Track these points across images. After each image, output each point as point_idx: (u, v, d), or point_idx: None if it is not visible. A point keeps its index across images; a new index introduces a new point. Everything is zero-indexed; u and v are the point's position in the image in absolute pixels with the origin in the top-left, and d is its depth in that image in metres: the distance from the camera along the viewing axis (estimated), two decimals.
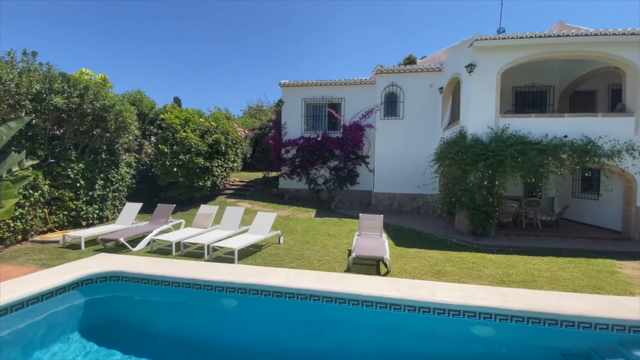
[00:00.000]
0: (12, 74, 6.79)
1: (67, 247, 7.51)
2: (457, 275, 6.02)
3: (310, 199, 14.77)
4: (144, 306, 5.43)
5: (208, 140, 12.46)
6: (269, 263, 6.59)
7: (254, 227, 7.95)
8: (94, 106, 8.63)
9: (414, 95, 12.81)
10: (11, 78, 6.70)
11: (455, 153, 9.23)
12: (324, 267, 6.29)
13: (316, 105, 15.12)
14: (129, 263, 5.74)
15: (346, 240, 8.42)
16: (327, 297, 4.65)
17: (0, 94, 6.73)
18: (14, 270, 5.75)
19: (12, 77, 6.73)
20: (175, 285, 5.22)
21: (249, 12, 45.04)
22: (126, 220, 8.69)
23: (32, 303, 4.50)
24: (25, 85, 7.02)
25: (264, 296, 4.87)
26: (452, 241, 8.71)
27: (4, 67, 6.74)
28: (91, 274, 5.23)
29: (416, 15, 47.35)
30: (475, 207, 8.77)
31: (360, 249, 6.12)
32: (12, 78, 6.71)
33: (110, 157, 10.12)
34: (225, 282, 5.01)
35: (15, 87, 6.80)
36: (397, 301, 4.46)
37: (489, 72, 9.40)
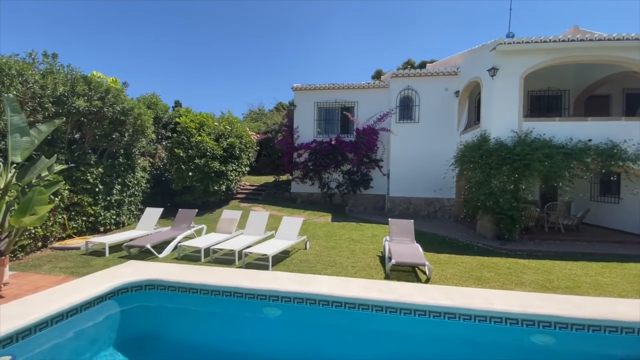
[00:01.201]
0: (37, 75, 6.60)
1: (89, 253, 7.29)
2: (498, 281, 5.91)
3: (323, 203, 14.63)
4: (181, 316, 5.24)
5: (223, 144, 12.29)
6: (302, 269, 6.44)
7: (281, 232, 7.79)
8: (114, 109, 8.45)
9: (430, 98, 12.77)
10: (36, 80, 6.51)
11: (479, 157, 9.16)
12: (360, 274, 6.14)
13: (328, 108, 15.04)
14: (162, 271, 5.55)
15: (372, 246, 8.29)
16: (377, 306, 4.49)
17: (24, 96, 6.54)
18: (42, 279, 5.54)
19: (37, 78, 6.54)
20: (215, 293, 5.03)
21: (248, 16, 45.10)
22: (148, 226, 8.48)
23: (72, 315, 4.30)
24: (50, 88, 6.83)
25: (309, 305, 4.70)
26: (478, 246, 8.61)
27: (28, 68, 6.56)
28: (127, 283, 5.03)
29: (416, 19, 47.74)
30: (501, 212, 8.68)
31: (399, 256, 5.98)
32: (37, 80, 6.53)
33: (127, 161, 9.92)
34: (268, 290, 4.83)
35: (40, 89, 6.61)
36: (452, 310, 4.30)
37: (511, 76, 9.37)
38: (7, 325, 3.58)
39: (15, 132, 5.09)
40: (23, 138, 5.15)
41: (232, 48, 52.82)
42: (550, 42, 9.00)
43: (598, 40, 8.88)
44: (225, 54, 53.30)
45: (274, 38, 51.49)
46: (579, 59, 9.40)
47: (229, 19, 46.39)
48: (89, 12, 39.58)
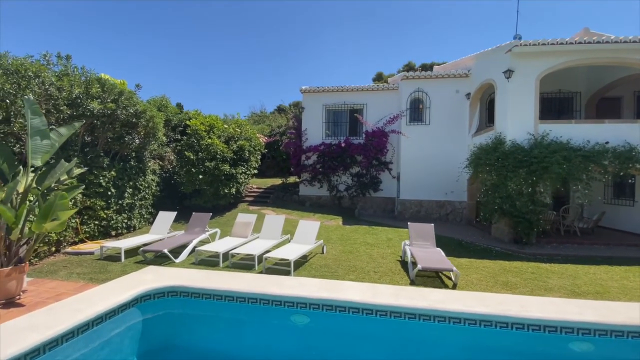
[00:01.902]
0: (54, 77, 6.48)
1: (104, 258, 7.15)
2: (526, 287, 5.80)
3: (332, 206, 14.52)
4: (205, 323, 5.10)
5: (233, 146, 12.18)
6: (324, 275, 6.31)
7: (298, 236, 7.67)
8: (127, 112, 8.33)
9: (440, 101, 12.70)
10: (53, 81, 6.40)
11: (495, 159, 9.07)
12: (384, 279, 6.03)
13: (337, 111, 14.96)
14: (184, 276, 5.41)
15: (389, 250, 8.18)
16: (410, 314, 4.37)
17: (39, 98, 6.42)
18: (61, 286, 5.40)
19: (53, 80, 6.42)
20: (240, 300, 4.90)
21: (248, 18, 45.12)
22: (161, 230, 8.35)
23: (97, 324, 4.15)
24: (66, 89, 6.71)
25: (338, 312, 4.57)
26: (496, 250, 8.51)
27: (44, 70, 6.44)
28: (150, 290, 4.88)
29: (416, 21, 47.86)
30: (519, 215, 8.59)
31: (424, 261, 5.87)
32: (53, 81, 6.41)
33: (139, 164, 9.79)
34: (296, 297, 4.69)
35: (57, 91, 6.49)
36: (489, 317, 4.18)
37: (527, 78, 9.31)
38: (36, 337, 3.44)
39: (36, 135, 4.97)
40: (43, 141, 5.03)
41: (231, 50, 52.86)
42: (567, 44, 8.94)
43: (614, 43, 8.83)
44: (224, 55, 53.33)
45: (274, 40, 51.59)
46: (594, 61, 9.35)
47: (228, 20, 46.43)
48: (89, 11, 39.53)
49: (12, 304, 4.59)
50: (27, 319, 3.85)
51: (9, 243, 4.72)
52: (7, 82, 5.74)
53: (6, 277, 4.54)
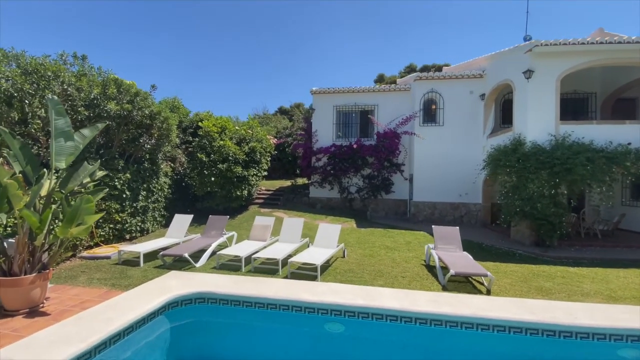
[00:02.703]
0: (73, 77, 6.32)
1: (122, 263, 6.97)
2: (561, 291, 5.63)
3: (343, 208, 14.34)
4: (234, 331, 4.94)
5: (244, 148, 12.02)
6: (351, 280, 6.14)
7: (319, 240, 7.50)
8: (143, 113, 8.17)
9: (454, 101, 12.56)
10: (72, 82, 6.23)
11: (516, 161, 8.92)
12: (414, 285, 5.85)
13: (347, 112, 14.82)
14: (210, 282, 5.25)
15: (411, 254, 8.01)
16: (451, 322, 4.21)
17: (59, 99, 6.25)
18: (84, 292, 5.21)
19: (73, 80, 6.26)
20: (272, 307, 4.72)
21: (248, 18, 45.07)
22: (178, 234, 8.17)
23: (128, 333, 3.97)
24: (85, 90, 6.55)
25: (375, 320, 4.40)
26: (519, 253, 8.33)
27: (63, 70, 6.28)
28: (178, 296, 4.72)
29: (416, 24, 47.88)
30: (542, 217, 8.43)
31: (456, 266, 5.70)
32: (73, 82, 6.25)
33: (152, 166, 9.62)
34: (331, 304, 4.52)
35: (76, 92, 6.33)
36: (536, 325, 4.02)
37: (547, 78, 9.18)
38: (70, 350, 3.27)
39: (60, 137, 4.80)
40: (67, 143, 4.87)
41: (229, 50, 52.79)
42: (588, 44, 8.81)
43: (636, 43, 8.69)
44: (223, 56, 53.25)
45: (273, 41, 51.56)
46: (615, 61, 9.22)
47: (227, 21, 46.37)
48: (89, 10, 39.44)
49: (36, 312, 4.41)
50: (57, 329, 3.68)
51: (32, 249, 4.54)
52: (26, 82, 5.58)
53: (30, 285, 4.36)
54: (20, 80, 5.53)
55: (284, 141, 18.41)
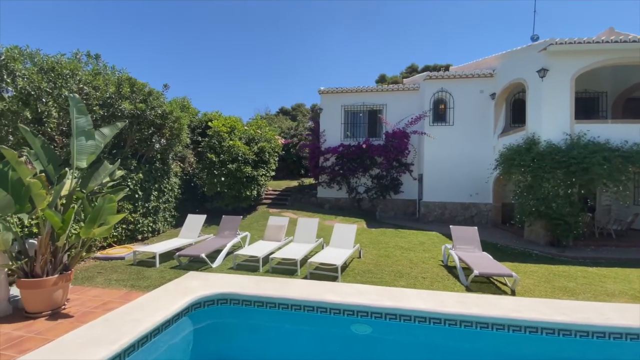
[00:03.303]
0: (90, 75, 6.24)
1: (137, 263, 6.88)
2: (586, 292, 5.55)
3: (352, 208, 14.26)
4: (258, 333, 4.85)
5: (254, 148, 11.94)
6: (372, 281, 6.07)
7: (335, 240, 7.42)
8: (155, 113, 8.09)
9: (464, 101, 12.49)
10: (89, 80, 6.16)
11: (531, 160, 8.85)
12: (436, 285, 5.78)
13: (355, 112, 14.74)
14: (232, 283, 5.15)
15: (427, 254, 7.93)
16: (482, 323, 4.12)
17: None
18: (104, 294, 5.13)
19: (90, 79, 6.18)
20: (296, 308, 4.63)
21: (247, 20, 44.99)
22: (191, 234, 8.09)
23: (154, 335, 3.88)
24: (102, 89, 6.47)
25: (403, 322, 4.31)
26: (535, 253, 8.26)
27: (80, 68, 6.20)
28: (201, 297, 4.63)
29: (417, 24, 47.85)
30: (559, 217, 8.36)
31: (479, 266, 5.62)
32: (90, 80, 6.17)
33: (163, 166, 9.54)
34: (357, 305, 4.43)
35: (93, 90, 6.25)
36: (569, 326, 3.94)
37: (562, 77, 9.12)
38: (103, 352, 3.17)
39: (81, 135, 4.72)
40: (88, 142, 4.79)
41: (230, 50, 52.74)
42: (603, 43, 8.75)
43: None
44: (223, 56, 53.20)
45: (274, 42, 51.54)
46: (631, 60, 9.14)
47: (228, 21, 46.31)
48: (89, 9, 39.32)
49: (58, 314, 4.33)
50: (85, 331, 3.59)
51: (53, 249, 4.46)
52: (43, 80, 5.50)
53: (52, 286, 4.28)
54: (38, 79, 5.45)
55: (291, 141, 18.34)
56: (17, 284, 4.20)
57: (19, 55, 5.44)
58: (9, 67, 5.39)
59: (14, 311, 4.44)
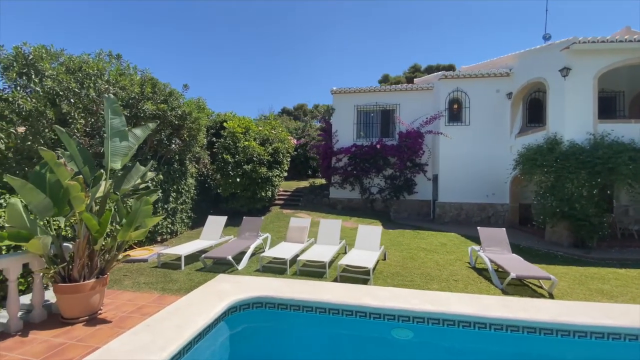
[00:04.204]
0: (117, 75, 6.15)
1: (161, 266, 6.79)
2: (624, 294, 5.45)
3: (365, 209, 14.15)
4: (295, 338, 4.75)
5: (268, 149, 11.85)
6: (404, 284, 5.97)
7: (360, 242, 7.32)
8: (175, 113, 8.00)
9: (480, 100, 12.39)
10: (117, 80, 6.07)
11: (554, 160, 8.74)
12: (470, 289, 5.68)
13: (368, 112, 14.65)
14: (265, 286, 5.05)
15: (452, 256, 7.82)
16: (529, 328, 4.02)
17: (99, 98, 6.08)
18: (137, 297, 5.04)
19: (118, 79, 6.09)
20: (334, 312, 4.54)
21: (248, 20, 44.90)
22: (212, 235, 8.00)
23: (197, 342, 3.78)
24: (128, 89, 6.38)
25: (446, 326, 4.21)
26: (560, 255, 8.16)
27: (106, 68, 6.11)
28: (237, 301, 4.53)
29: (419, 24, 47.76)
30: (584, 218, 8.25)
31: (515, 269, 5.53)
32: (117, 80, 6.08)
33: (181, 167, 9.45)
34: (399, 309, 4.32)
35: (120, 90, 6.16)
36: (618, 330, 3.83)
37: (585, 76, 9.02)
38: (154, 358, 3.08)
39: (115, 136, 4.63)
40: (122, 143, 4.70)
41: (230, 50, 52.68)
42: (627, 42, 8.65)
43: None
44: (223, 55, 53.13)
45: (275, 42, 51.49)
46: None
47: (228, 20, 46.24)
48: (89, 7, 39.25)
49: (96, 320, 4.24)
50: (130, 338, 3.49)
51: (89, 252, 4.37)
52: (72, 80, 5.41)
53: (90, 291, 4.19)
54: (66, 79, 5.36)
55: (304, 142, 18.25)
56: (55, 288, 4.11)
57: (46, 55, 5.36)
58: (36, 66, 5.30)
59: (48, 317, 4.35)
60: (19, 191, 3.66)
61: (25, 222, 3.70)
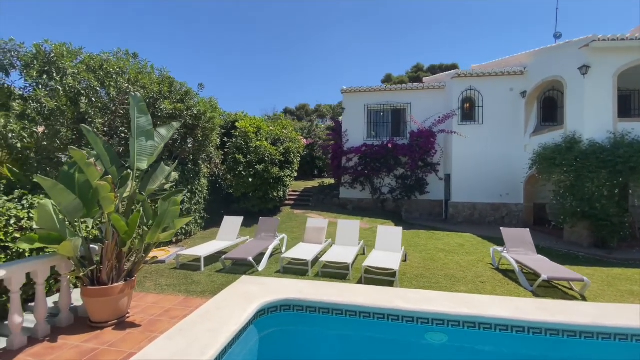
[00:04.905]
0: (139, 74, 6.05)
1: (180, 267, 6.69)
2: None
3: (375, 209, 14.03)
4: (325, 341, 4.65)
5: (280, 148, 11.74)
6: (430, 286, 5.86)
7: (380, 243, 7.21)
8: (191, 113, 7.90)
9: (493, 99, 12.26)
10: (137, 79, 5.97)
11: (574, 159, 8.62)
12: (499, 291, 5.56)
13: (378, 111, 14.53)
14: (290, 288, 4.94)
15: (472, 257, 7.71)
16: (569, 331, 3.91)
17: (120, 97, 5.99)
18: (163, 300, 4.94)
19: (139, 77, 5.99)
20: (365, 316, 4.43)
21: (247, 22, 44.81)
22: (229, 236, 7.89)
23: (230, 346, 3.67)
24: (149, 88, 6.28)
25: (483, 330, 4.10)
26: (581, 255, 8.03)
27: (128, 66, 6.00)
28: (265, 304, 4.43)
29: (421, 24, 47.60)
30: (605, 218, 8.13)
31: (545, 270, 5.41)
32: (138, 80, 5.98)
33: (195, 167, 9.35)
34: (433, 312, 4.21)
35: (141, 89, 6.06)
36: None
37: (604, 74, 8.89)
38: None
39: (141, 136, 4.53)
40: (148, 142, 4.60)
41: (230, 50, 52.60)
42: None
43: None
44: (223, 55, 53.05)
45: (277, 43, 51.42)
46: None
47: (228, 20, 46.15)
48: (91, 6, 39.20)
49: (124, 323, 4.14)
50: (166, 343, 3.40)
51: (117, 254, 4.27)
52: (94, 79, 5.31)
53: (119, 294, 4.09)
54: (89, 77, 5.26)
55: (314, 142, 18.16)
56: (83, 292, 4.01)
57: (67, 53, 5.26)
58: (57, 64, 5.20)
59: (75, 320, 4.25)
60: (50, 192, 3.56)
61: (55, 224, 3.60)
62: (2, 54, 5.01)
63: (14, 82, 5.17)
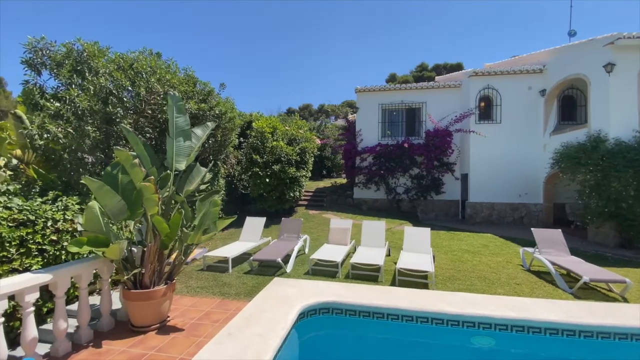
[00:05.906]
0: (169, 74, 5.96)
1: (206, 268, 6.61)
2: None
3: (390, 210, 13.93)
4: (365, 345, 4.57)
5: (296, 148, 11.65)
6: (465, 288, 5.73)
7: (409, 244, 7.10)
8: (214, 112, 7.81)
9: (511, 98, 12.13)
10: (167, 79, 5.88)
11: (600, 159, 8.48)
12: (537, 293, 5.44)
13: (392, 110, 14.41)
14: (327, 291, 4.88)
15: (500, 258, 7.60)
16: (621, 334, 3.82)
17: (148, 96, 5.90)
18: (199, 303, 4.85)
19: (168, 77, 5.91)
20: (407, 319, 4.34)
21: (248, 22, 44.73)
22: (252, 237, 7.81)
23: (279, 350, 3.58)
24: (178, 88, 6.20)
25: (531, 334, 4.00)
26: (609, 256, 7.89)
27: (159, 65, 5.92)
28: (305, 307, 4.35)
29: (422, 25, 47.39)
30: (633, 218, 8.00)
31: (587, 272, 5.30)
32: (168, 79, 5.90)
33: (214, 168, 9.27)
34: (480, 316, 4.12)
35: (171, 89, 5.98)
36: None
37: (629, 72, 8.75)
38: None
39: (180, 136, 4.45)
40: (186, 142, 4.52)
41: (230, 50, 52.55)
42: None
43: None
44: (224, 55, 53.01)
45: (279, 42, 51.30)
46: None
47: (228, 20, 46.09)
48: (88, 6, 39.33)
49: (166, 327, 4.05)
50: (218, 348, 3.35)
51: (158, 257, 4.19)
52: (125, 79, 5.23)
53: (162, 297, 4.01)
54: (121, 76, 5.18)
55: (327, 142, 18.07)
56: (125, 295, 3.93)
57: (98, 52, 5.18)
58: (89, 63, 5.13)
59: (115, 324, 4.17)
60: (96, 193, 3.48)
61: (101, 226, 3.52)
62: (33, 52, 4.94)
63: (45, 82, 5.09)
